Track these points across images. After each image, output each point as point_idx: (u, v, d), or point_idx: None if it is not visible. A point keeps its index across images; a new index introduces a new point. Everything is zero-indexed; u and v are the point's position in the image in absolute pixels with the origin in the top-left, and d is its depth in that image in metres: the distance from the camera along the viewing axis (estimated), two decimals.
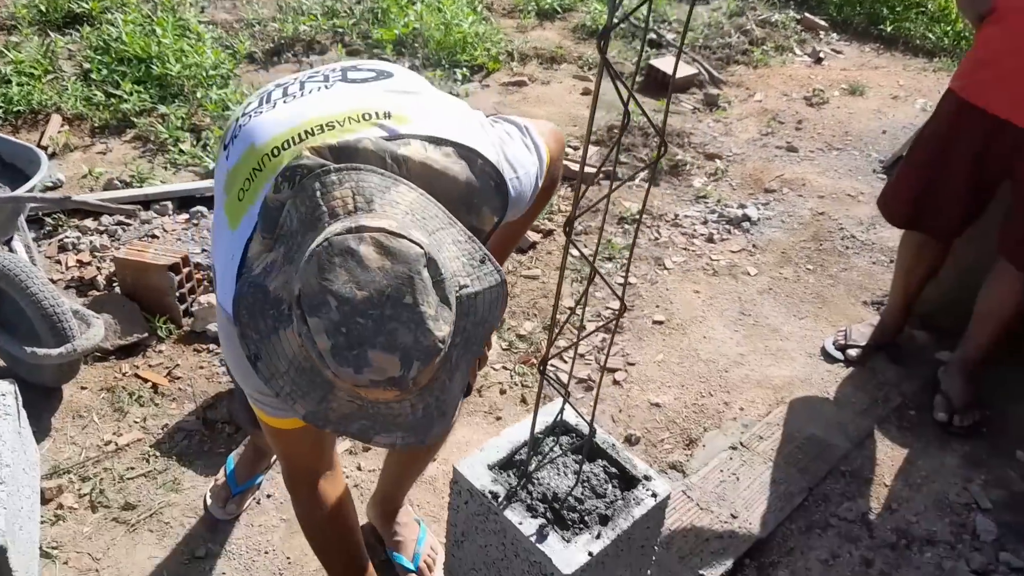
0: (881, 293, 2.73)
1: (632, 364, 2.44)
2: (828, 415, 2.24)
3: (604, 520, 1.19)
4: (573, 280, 2.79)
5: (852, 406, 2.28)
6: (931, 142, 2.05)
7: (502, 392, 2.32)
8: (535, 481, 1.23)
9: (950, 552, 1.88)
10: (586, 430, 1.26)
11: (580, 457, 1.27)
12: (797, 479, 2.02)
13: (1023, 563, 1.84)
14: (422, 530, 1.81)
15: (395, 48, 4.40)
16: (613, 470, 1.29)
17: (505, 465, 1.26)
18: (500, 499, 1.18)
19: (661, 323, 2.60)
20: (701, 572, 1.75)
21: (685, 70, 4.30)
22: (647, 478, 1.26)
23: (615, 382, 2.38)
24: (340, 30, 4.61)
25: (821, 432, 2.18)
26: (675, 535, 1.85)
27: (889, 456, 2.14)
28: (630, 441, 2.17)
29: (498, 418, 2.24)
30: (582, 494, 1.22)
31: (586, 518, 1.19)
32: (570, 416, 1.34)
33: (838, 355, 2.42)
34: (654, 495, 1.24)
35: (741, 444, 2.12)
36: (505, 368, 2.41)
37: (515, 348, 2.48)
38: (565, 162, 3.40)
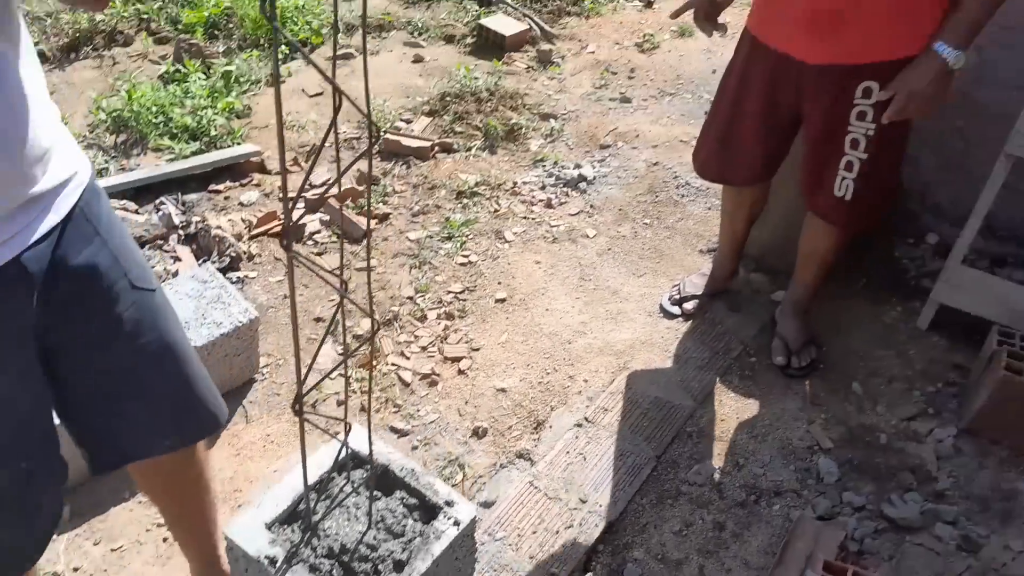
0: (716, 240, 2.74)
1: (476, 350, 2.35)
2: (670, 375, 2.23)
3: (399, 566, 1.08)
4: (411, 267, 2.66)
5: (693, 362, 2.27)
6: (727, 90, 2.04)
7: (339, 404, 2.18)
8: (321, 533, 1.11)
9: (797, 500, 1.91)
10: (391, 457, 1.15)
11: (370, 496, 1.16)
12: (644, 449, 2.00)
13: (864, 499, 1.88)
14: None
15: (207, 31, 4.07)
16: (413, 500, 1.19)
17: (288, 519, 1.13)
18: (279, 563, 1.06)
19: (503, 301, 2.52)
20: (553, 571, 1.70)
21: (516, 27, 4.17)
22: (449, 504, 1.17)
23: (460, 372, 2.28)
24: (145, 16, 4.21)
25: (664, 394, 2.16)
26: (524, 534, 1.78)
27: (734, 409, 2.15)
28: (477, 434, 2.08)
29: (337, 432, 2.10)
30: (375, 538, 1.12)
31: (380, 567, 1.08)
32: (365, 444, 1.23)
33: (675, 310, 2.41)
34: (456, 523, 1.15)
35: (587, 420, 2.07)
36: (341, 375, 2.26)
37: (363, 310, 2.34)
38: (396, 137, 3.24)
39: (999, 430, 1.96)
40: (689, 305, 2.40)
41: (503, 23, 4.19)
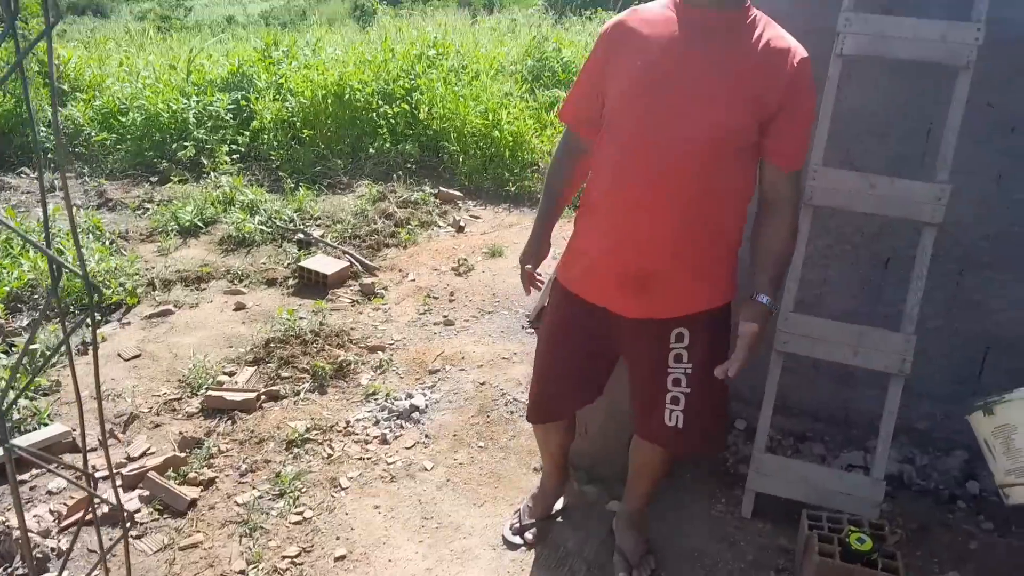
0: None
1: None
2: None
3: None
4: (242, 535, 2.50)
5: None
6: (546, 339, 2.09)
7: None
8: None
9: None
10: None
11: None
12: None
13: None
14: None
15: (8, 305, 3.89)
16: None
17: None
18: None
19: (343, 558, 2.40)
20: None
21: (337, 265, 4.32)
22: None
23: None
24: None
25: None
26: None
27: None
28: None
29: None
30: None
31: None
32: None
33: (517, 540, 2.40)
34: None
35: None
36: None
37: None
38: (219, 393, 3.16)
39: None
40: (530, 534, 2.39)
41: (323, 262, 4.34)
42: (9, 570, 2.35)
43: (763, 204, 1.83)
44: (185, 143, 6.31)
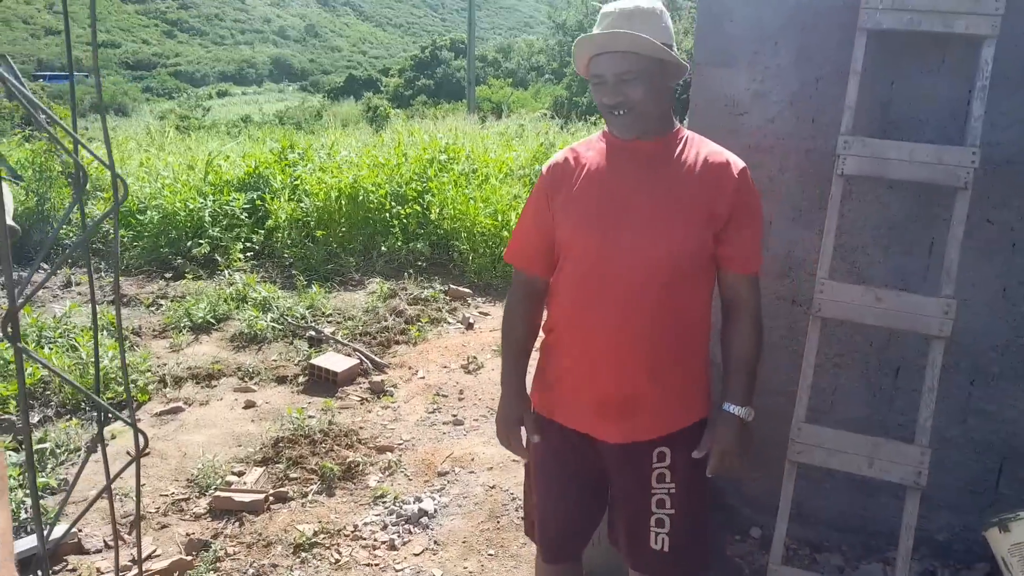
0: None
1: None
2: None
3: None
4: None
5: None
6: (541, 470, 1.99)
7: None
8: None
9: None
10: None
11: None
12: None
13: None
14: None
15: (21, 404, 3.90)
16: None
17: None
18: None
19: None
20: None
21: (347, 363, 4.36)
22: None
23: None
24: None
25: None
26: None
27: None
28: None
29: None
30: None
31: None
32: None
33: None
34: None
35: None
36: None
37: None
38: (227, 494, 3.13)
39: None
40: None
41: (333, 360, 4.37)
42: None
43: (727, 311, 1.86)
44: (200, 240, 6.47)
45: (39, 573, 1.07)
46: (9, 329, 0.77)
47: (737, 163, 1.77)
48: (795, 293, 2.65)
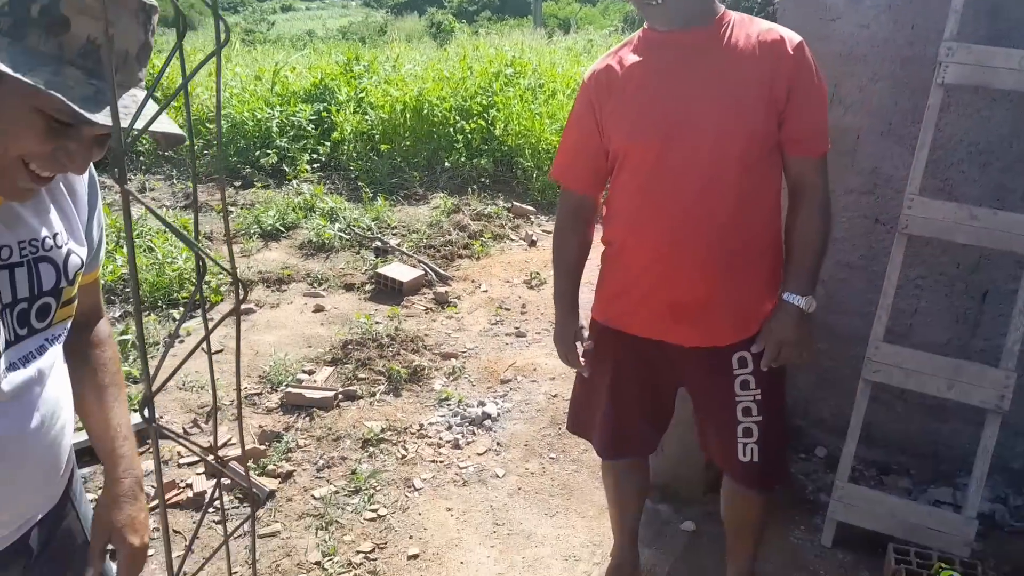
0: None
1: None
2: None
3: None
4: (318, 528, 2.56)
5: None
6: (602, 382, 1.94)
7: None
8: None
9: None
10: None
11: None
12: None
13: None
14: None
15: (104, 297, 4.08)
16: None
17: None
18: None
19: (416, 557, 2.44)
20: None
21: (412, 273, 4.41)
22: None
23: None
24: None
25: None
26: None
27: None
28: None
29: None
30: None
31: None
32: None
33: None
34: None
35: None
36: None
37: None
38: (299, 390, 3.25)
39: None
40: None
41: (399, 270, 4.43)
42: None
43: (793, 198, 1.77)
44: (268, 151, 6.54)
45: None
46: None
47: (792, 37, 1.66)
48: (879, 211, 2.55)
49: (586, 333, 1.95)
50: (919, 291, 2.54)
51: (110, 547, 1.19)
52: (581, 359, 1.95)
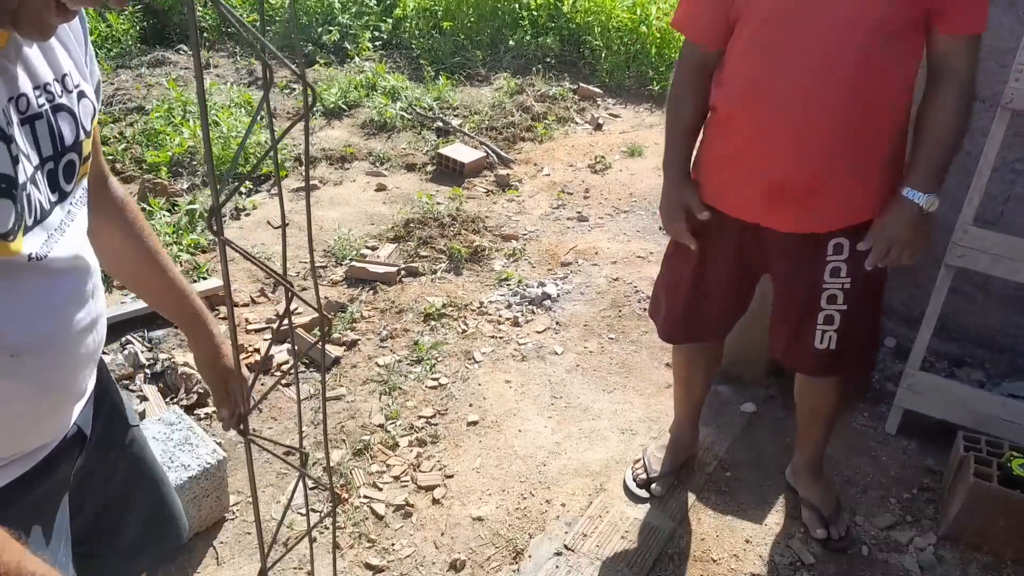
0: None
1: (450, 476, 2.31)
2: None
3: None
4: (381, 393, 2.64)
5: (668, 479, 2.25)
6: (687, 261, 1.88)
7: (313, 540, 2.11)
8: None
9: None
10: None
11: None
12: (627, 575, 1.95)
13: None
14: None
15: (171, 169, 4.15)
16: None
17: None
18: None
19: (475, 423, 2.50)
20: None
21: (474, 154, 4.34)
22: None
23: (435, 501, 2.23)
24: (110, 157, 4.29)
25: (643, 515, 2.13)
26: None
27: (713, 527, 2.12)
28: (455, 567, 2.02)
29: (309, 573, 2.02)
30: None
31: None
32: None
33: (642, 494, 2.19)
34: None
35: (566, 547, 2.03)
36: (314, 511, 2.20)
37: (322, 484, 2.27)
38: (362, 264, 3.29)
39: (977, 536, 1.96)
40: (657, 487, 2.19)
41: (461, 151, 4.36)
42: (174, 400, 2.58)
43: (931, 80, 1.58)
44: (330, 27, 6.40)
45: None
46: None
47: None
48: (981, 86, 2.34)
49: (698, 204, 1.78)
50: (1015, 176, 2.38)
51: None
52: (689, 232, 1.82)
